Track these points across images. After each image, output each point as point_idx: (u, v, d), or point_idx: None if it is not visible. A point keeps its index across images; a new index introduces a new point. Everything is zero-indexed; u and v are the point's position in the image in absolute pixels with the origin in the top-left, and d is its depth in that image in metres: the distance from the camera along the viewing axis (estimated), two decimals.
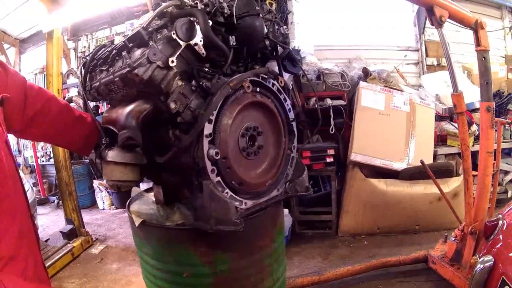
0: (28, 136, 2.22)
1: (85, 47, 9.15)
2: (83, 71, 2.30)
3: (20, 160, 10.26)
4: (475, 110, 5.91)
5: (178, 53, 1.86)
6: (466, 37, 3.70)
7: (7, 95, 1.71)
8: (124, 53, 1.92)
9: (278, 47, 2.33)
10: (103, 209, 8.54)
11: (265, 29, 2.20)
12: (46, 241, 6.06)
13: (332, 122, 5.71)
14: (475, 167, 3.72)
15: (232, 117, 1.92)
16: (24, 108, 1.92)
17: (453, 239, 3.91)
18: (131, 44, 1.93)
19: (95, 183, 8.54)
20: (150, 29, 1.93)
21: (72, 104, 2.42)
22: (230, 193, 1.96)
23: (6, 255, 1.52)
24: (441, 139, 6.19)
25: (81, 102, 2.44)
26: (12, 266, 1.54)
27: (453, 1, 3.30)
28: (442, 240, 4.39)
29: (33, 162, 9.76)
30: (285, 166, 2.32)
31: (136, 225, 2.19)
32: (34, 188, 9.20)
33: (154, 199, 2.57)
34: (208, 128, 1.85)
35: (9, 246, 1.54)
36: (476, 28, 3.37)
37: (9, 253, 1.53)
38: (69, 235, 6.00)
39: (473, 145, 5.28)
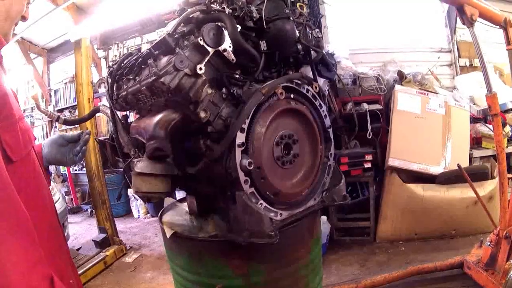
0: None
1: (116, 56, 9.09)
2: (109, 80, 2.28)
3: (51, 169, 10.39)
4: (507, 111, 5.77)
5: (206, 60, 1.80)
6: (497, 36, 3.62)
7: None
8: (150, 61, 1.87)
9: (311, 52, 2.27)
10: (138, 217, 8.61)
11: (297, 32, 2.13)
12: (78, 249, 6.16)
13: (369, 126, 5.59)
14: (509, 169, 3.63)
15: (266, 125, 1.86)
16: None
17: (488, 243, 3.83)
18: (157, 52, 1.90)
19: (130, 191, 8.52)
20: (176, 36, 1.89)
21: (99, 114, 2.39)
22: (264, 204, 1.90)
23: None
24: (476, 142, 6.03)
25: (108, 111, 2.41)
26: None
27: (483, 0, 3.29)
28: (477, 244, 4.28)
29: (65, 171, 9.90)
30: (322, 174, 2.25)
31: (168, 237, 2.14)
32: (66, 197, 9.34)
33: (187, 210, 2.52)
34: (240, 138, 1.78)
35: None
36: (505, 26, 3.35)
37: None
38: (101, 244, 6.05)
39: (507, 147, 5.13)
